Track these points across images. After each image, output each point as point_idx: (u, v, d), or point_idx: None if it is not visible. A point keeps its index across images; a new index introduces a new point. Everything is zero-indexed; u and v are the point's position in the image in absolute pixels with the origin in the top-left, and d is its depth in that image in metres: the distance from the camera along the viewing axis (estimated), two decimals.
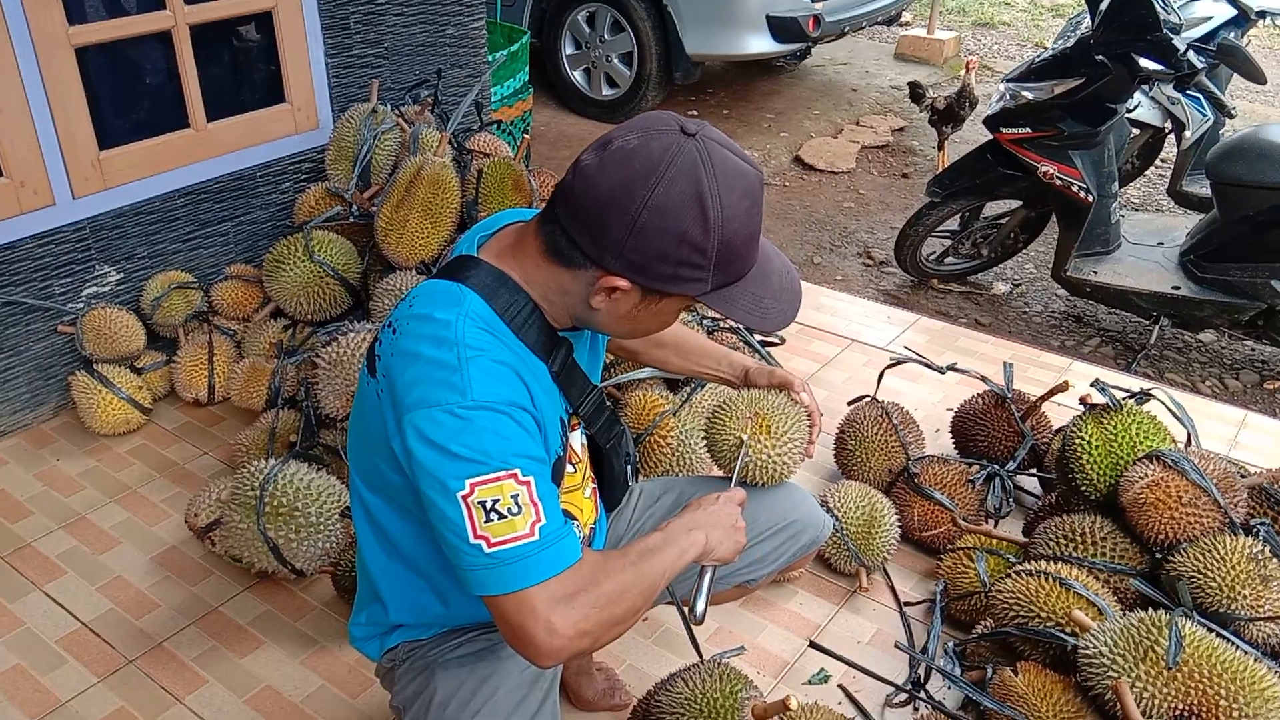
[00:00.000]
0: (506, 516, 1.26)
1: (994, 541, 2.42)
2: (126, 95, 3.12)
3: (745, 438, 1.78)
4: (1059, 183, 3.85)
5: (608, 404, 1.63)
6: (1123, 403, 2.31)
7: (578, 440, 1.63)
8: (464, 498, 1.26)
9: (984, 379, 2.85)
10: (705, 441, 1.89)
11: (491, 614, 1.32)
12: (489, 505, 1.26)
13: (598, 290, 1.34)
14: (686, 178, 1.27)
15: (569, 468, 1.59)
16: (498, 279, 1.38)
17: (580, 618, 1.29)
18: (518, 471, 1.28)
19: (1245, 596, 1.95)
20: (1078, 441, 2.29)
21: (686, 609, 1.58)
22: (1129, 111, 4.21)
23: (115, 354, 3.03)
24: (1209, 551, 2.02)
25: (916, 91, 5.51)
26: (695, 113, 6.52)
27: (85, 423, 2.99)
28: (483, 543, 1.26)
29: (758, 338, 2.97)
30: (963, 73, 5.45)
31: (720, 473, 1.91)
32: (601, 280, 1.33)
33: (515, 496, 1.27)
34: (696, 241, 1.29)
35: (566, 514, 1.61)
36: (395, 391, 1.33)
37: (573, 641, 1.29)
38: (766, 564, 1.85)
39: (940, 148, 5.48)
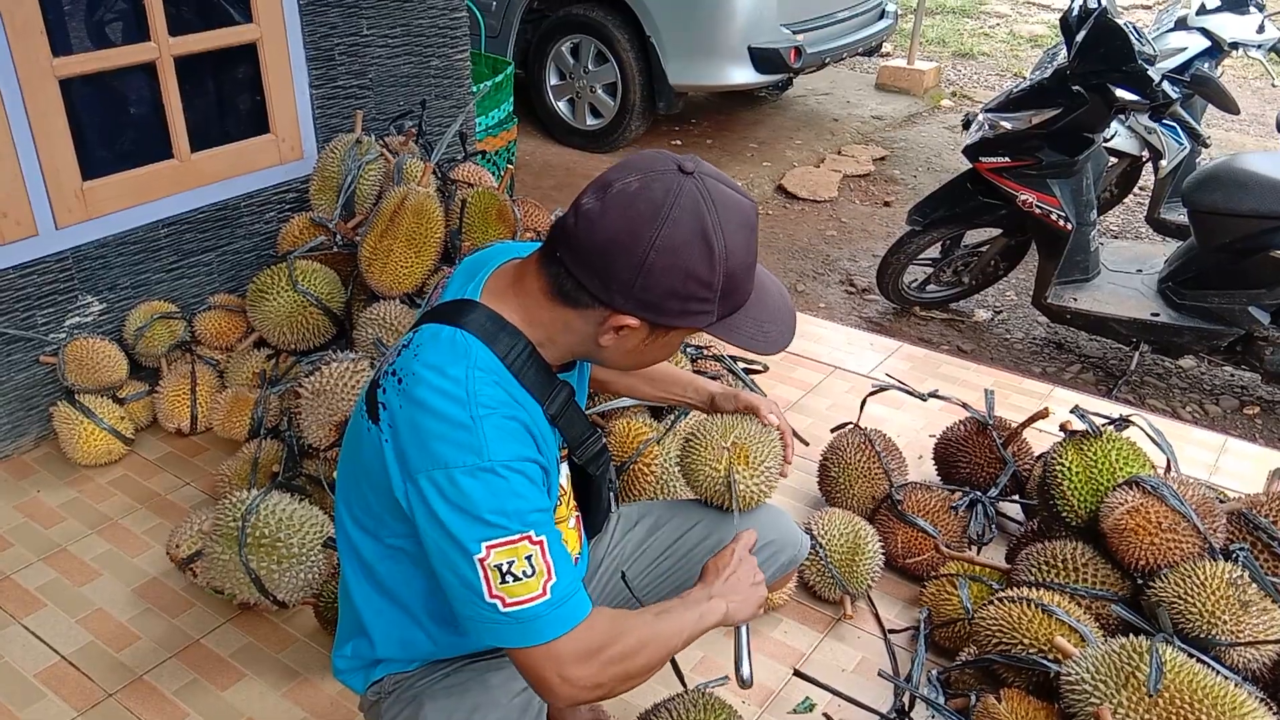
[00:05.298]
0: (521, 579, 1.31)
1: (977, 568, 2.43)
2: (110, 126, 3.13)
3: (736, 476, 1.79)
4: (1038, 211, 3.89)
5: (603, 439, 1.65)
6: (1102, 429, 2.33)
7: (563, 473, 1.64)
8: (480, 561, 1.30)
9: (966, 406, 2.87)
10: (680, 469, 1.91)
11: (509, 658, 1.38)
12: (505, 569, 1.30)
13: (607, 329, 1.38)
14: (690, 216, 1.31)
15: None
16: (496, 323, 1.40)
17: (595, 671, 1.36)
18: (531, 533, 1.32)
19: (1225, 622, 1.96)
20: (1058, 468, 2.30)
21: (734, 676, 1.61)
22: (1106, 140, 4.26)
23: (97, 384, 3.02)
24: (1189, 577, 2.03)
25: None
26: (679, 142, 6.56)
27: (67, 453, 2.97)
28: (498, 602, 1.31)
29: (741, 365, 2.98)
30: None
31: (696, 497, 1.93)
32: (611, 319, 1.37)
33: (529, 558, 1.31)
34: (703, 276, 1.33)
35: None
36: (406, 447, 1.34)
37: (587, 692, 1.37)
38: None
39: None
